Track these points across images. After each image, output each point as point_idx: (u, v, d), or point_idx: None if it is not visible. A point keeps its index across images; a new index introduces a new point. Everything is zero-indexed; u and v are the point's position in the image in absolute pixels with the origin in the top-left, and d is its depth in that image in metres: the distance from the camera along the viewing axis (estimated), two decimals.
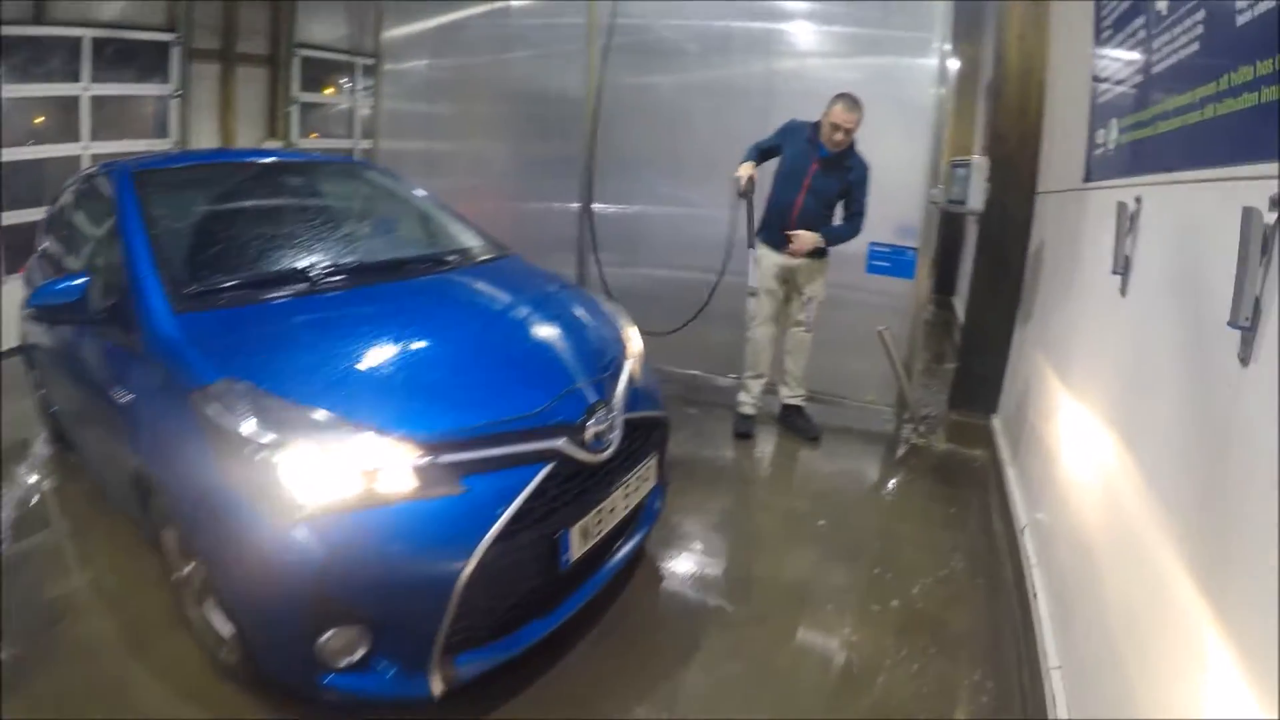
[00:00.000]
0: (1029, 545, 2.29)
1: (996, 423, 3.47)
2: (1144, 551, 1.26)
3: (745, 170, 3.13)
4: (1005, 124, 3.35)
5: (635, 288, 3.92)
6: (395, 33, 4.60)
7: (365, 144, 6.78)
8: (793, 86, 3.56)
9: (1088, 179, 2.23)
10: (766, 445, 3.38)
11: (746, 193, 3.14)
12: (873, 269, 3.35)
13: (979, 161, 3.09)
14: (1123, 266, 1.68)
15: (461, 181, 4.35)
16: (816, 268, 3.22)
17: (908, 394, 3.29)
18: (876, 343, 3.16)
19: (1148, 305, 1.52)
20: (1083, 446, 1.85)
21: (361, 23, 6.52)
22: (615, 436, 1.87)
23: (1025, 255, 3.36)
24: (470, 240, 2.67)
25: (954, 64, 3.31)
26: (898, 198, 3.40)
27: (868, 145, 3.18)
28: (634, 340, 2.32)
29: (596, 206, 4.06)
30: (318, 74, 6.72)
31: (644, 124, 3.84)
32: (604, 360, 2.06)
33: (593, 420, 1.80)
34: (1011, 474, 2.85)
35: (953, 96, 3.34)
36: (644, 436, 2.06)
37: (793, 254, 3.10)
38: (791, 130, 3.15)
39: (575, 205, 4.07)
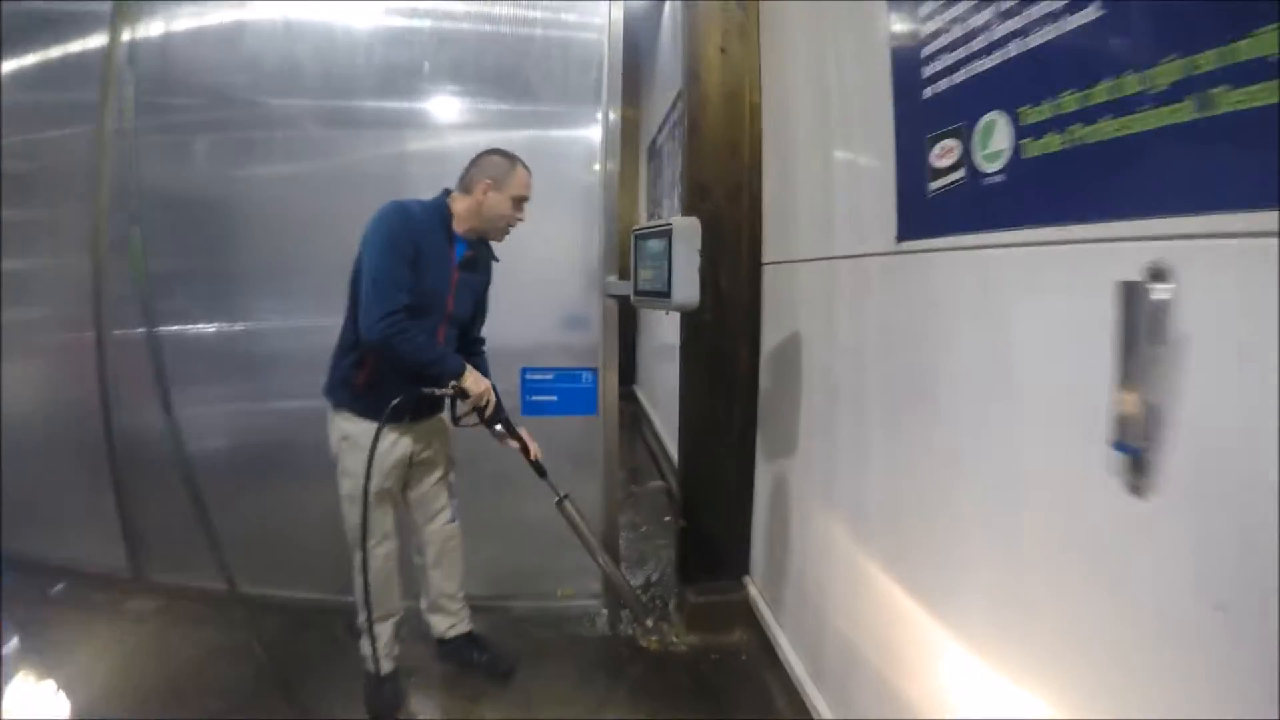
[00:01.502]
0: None
1: (753, 590, 2.47)
2: None
3: (480, 387, 1.84)
4: (707, 171, 2.41)
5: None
6: None
7: None
8: (431, 170, 2.62)
9: (914, 234, 1.36)
10: (428, 714, 2.02)
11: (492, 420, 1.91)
12: (532, 409, 2.29)
13: (684, 226, 1.83)
14: (1142, 429, 0.77)
15: (27, 312, 2.86)
16: (440, 426, 2.05)
17: (616, 580, 2.18)
18: (554, 512, 2.06)
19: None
20: None
21: None
22: None
23: (758, 361, 2.50)
24: None
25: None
26: (562, 298, 2.47)
27: (529, 235, 2.19)
28: None
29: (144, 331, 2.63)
30: None
31: (222, 224, 2.67)
32: None
33: None
34: (814, 692, 1.83)
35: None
36: None
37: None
38: (417, 221, 1.80)
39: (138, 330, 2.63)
